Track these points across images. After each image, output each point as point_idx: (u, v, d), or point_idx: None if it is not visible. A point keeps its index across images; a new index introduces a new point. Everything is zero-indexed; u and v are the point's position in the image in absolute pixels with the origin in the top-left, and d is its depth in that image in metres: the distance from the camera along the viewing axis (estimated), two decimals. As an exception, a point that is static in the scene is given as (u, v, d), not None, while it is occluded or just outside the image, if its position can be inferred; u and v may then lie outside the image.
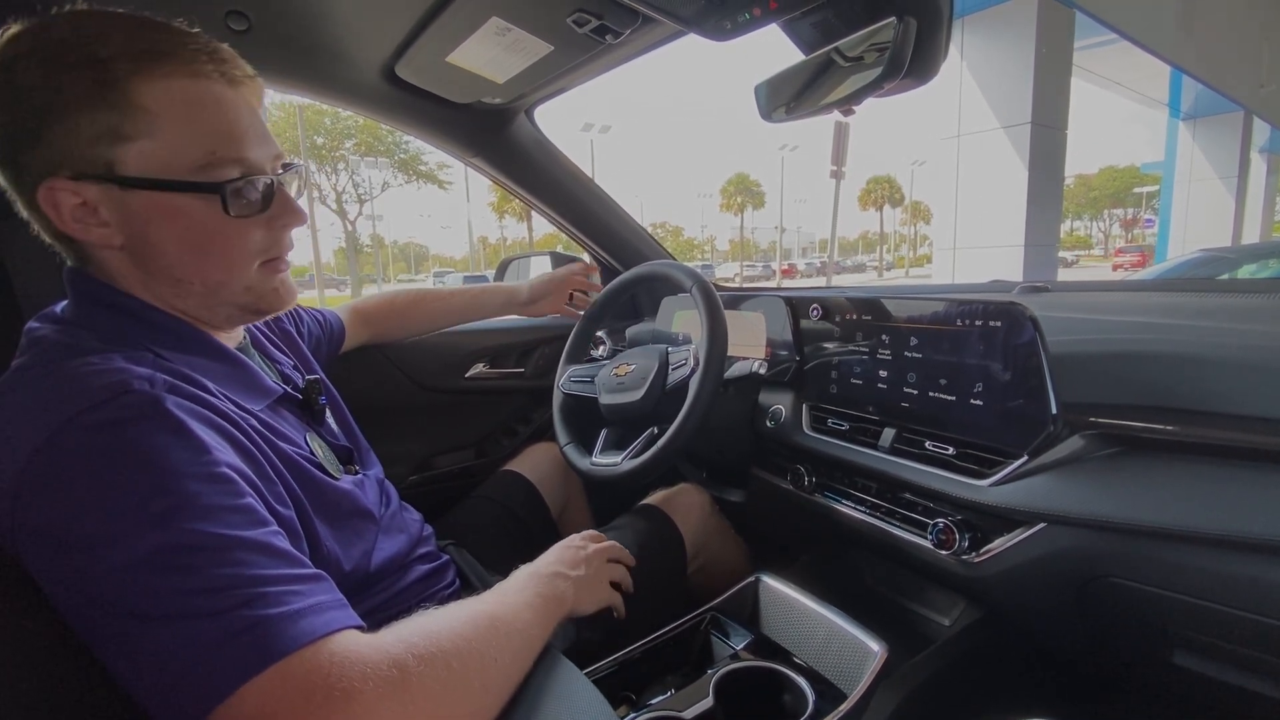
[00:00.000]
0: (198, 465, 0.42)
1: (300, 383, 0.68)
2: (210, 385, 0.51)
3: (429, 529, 0.81)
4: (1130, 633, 0.71)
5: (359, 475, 0.67)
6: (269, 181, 0.54)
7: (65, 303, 0.54)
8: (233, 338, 0.62)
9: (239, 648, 0.37)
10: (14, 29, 0.47)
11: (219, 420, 0.47)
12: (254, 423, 0.53)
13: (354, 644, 0.41)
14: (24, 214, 0.52)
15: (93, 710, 0.41)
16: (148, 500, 0.39)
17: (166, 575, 0.38)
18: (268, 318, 0.61)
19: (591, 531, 0.82)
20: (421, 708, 0.40)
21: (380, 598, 0.64)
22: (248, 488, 0.45)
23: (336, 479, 0.61)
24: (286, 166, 0.57)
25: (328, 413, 0.70)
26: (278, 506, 0.49)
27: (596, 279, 1.29)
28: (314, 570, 0.44)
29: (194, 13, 0.85)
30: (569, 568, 0.70)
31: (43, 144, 0.47)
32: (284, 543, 0.44)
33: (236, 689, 0.36)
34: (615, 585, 0.79)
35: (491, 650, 0.48)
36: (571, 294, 1.25)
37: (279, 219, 0.56)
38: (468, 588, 0.77)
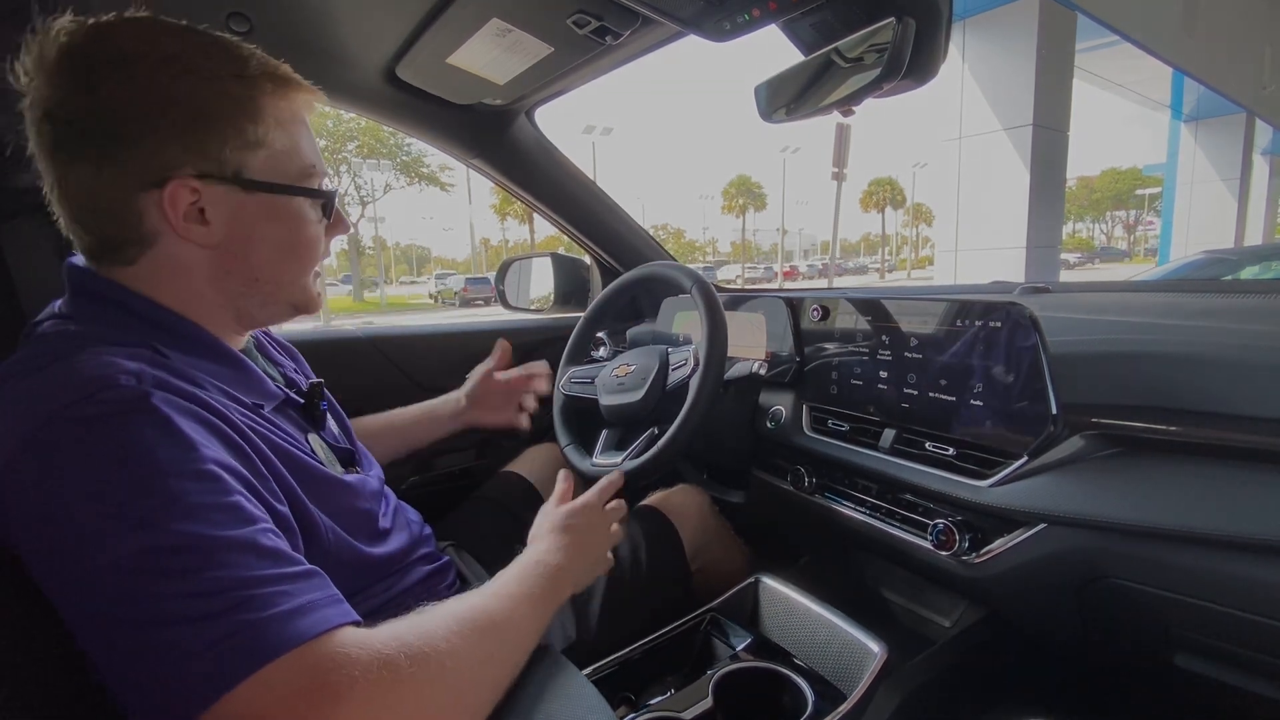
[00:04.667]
0: (183, 462, 0.41)
1: (302, 386, 0.68)
2: (206, 382, 0.50)
3: (428, 529, 0.81)
4: (1131, 634, 0.71)
5: (360, 475, 0.67)
6: (335, 195, 0.61)
7: (62, 300, 0.53)
8: (238, 342, 0.62)
9: (226, 652, 0.36)
10: (109, 27, 0.49)
11: (208, 416, 0.47)
12: (249, 419, 0.52)
13: (344, 645, 0.40)
14: (57, 214, 0.52)
15: (84, 713, 0.41)
16: (132, 500, 0.39)
17: (152, 578, 0.37)
18: (294, 318, 0.65)
19: (589, 498, 0.76)
20: (412, 708, 0.40)
21: (381, 598, 0.64)
22: (236, 484, 0.44)
23: (337, 475, 0.61)
24: None
25: (328, 417, 0.70)
26: (272, 502, 0.48)
27: (542, 382, 1.12)
28: (306, 567, 0.43)
29: (195, 15, 0.86)
30: (570, 557, 0.67)
31: (180, 143, 0.50)
32: (273, 540, 0.43)
33: (223, 695, 0.36)
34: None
35: (486, 648, 0.48)
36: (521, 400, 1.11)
37: (334, 229, 0.63)
38: (467, 589, 0.77)
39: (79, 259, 0.55)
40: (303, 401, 0.66)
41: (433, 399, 1.08)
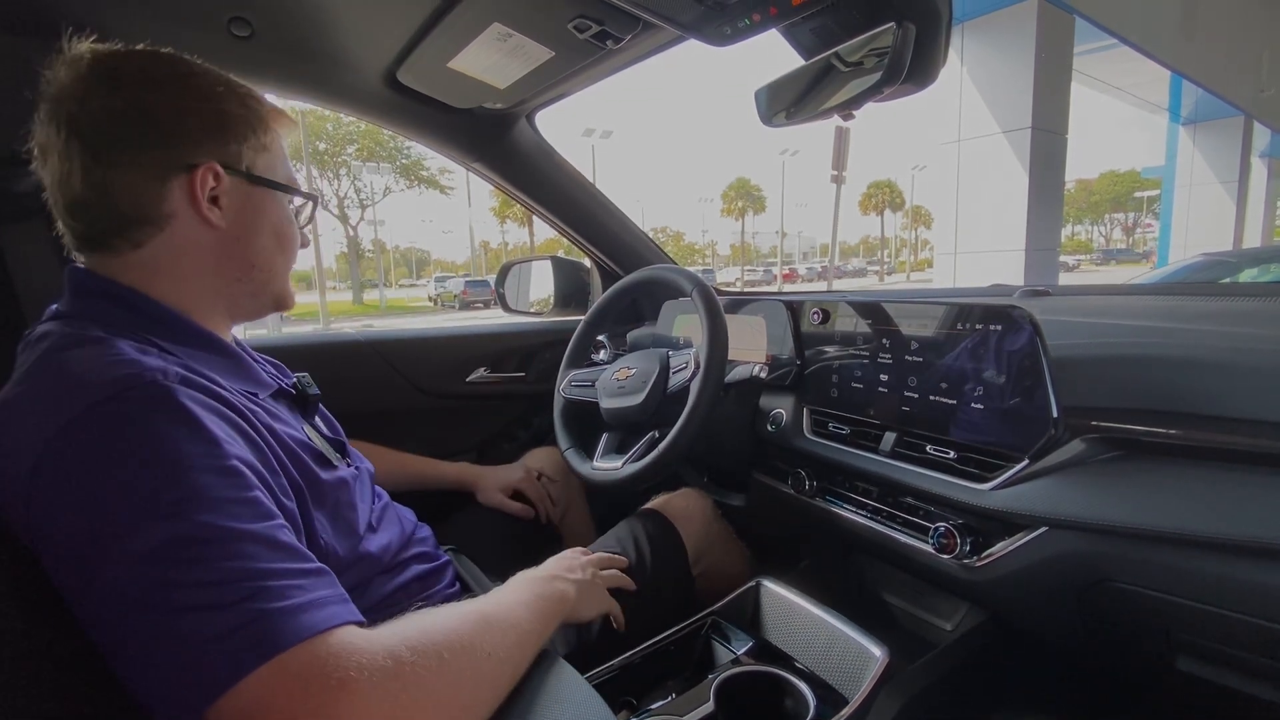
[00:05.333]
0: (208, 458, 0.43)
1: (286, 381, 0.70)
2: (216, 377, 0.52)
3: (425, 529, 0.82)
4: (1133, 637, 0.71)
5: (354, 468, 0.69)
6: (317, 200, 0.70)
7: (59, 303, 0.55)
8: (225, 337, 0.63)
9: (241, 641, 0.38)
10: (137, 51, 0.57)
11: (228, 412, 0.49)
12: (260, 413, 0.55)
13: (351, 637, 0.41)
14: (118, 189, 0.55)
15: (86, 709, 0.42)
16: (158, 492, 0.41)
17: (173, 567, 0.39)
18: (276, 313, 0.70)
19: (580, 549, 0.83)
20: (413, 696, 0.41)
21: (377, 594, 0.64)
22: (256, 480, 0.46)
23: (335, 467, 0.63)
24: None
25: (317, 408, 0.72)
26: (282, 498, 0.50)
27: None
28: (317, 565, 0.45)
29: (198, 20, 0.86)
30: (566, 571, 0.71)
31: (210, 136, 0.58)
32: (288, 536, 0.45)
33: (238, 681, 0.37)
34: (615, 594, 0.79)
35: (484, 644, 0.49)
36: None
37: (302, 235, 0.70)
38: (467, 592, 0.77)
39: (81, 263, 0.57)
40: (294, 392, 0.68)
41: (445, 468, 1.11)
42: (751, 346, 1.13)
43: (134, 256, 0.56)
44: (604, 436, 1.06)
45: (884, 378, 0.89)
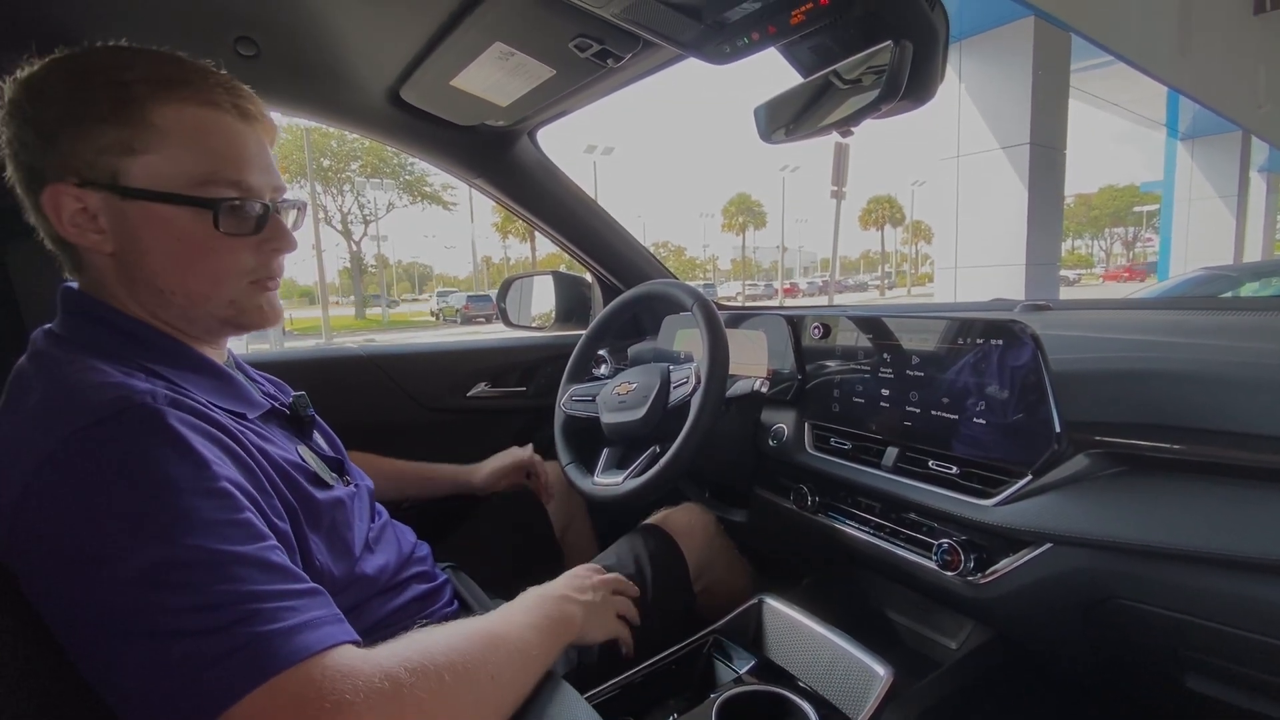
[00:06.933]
0: (198, 480, 0.43)
1: (284, 400, 0.69)
2: (204, 399, 0.52)
3: (425, 548, 0.81)
4: (1140, 655, 0.70)
5: (352, 486, 0.68)
6: (264, 206, 0.56)
7: (53, 323, 0.55)
8: (218, 355, 0.62)
9: (235, 664, 0.37)
10: (56, 55, 0.51)
11: (218, 434, 0.48)
12: (250, 435, 0.54)
13: (348, 658, 0.41)
14: (31, 219, 0.54)
15: None
16: (148, 515, 0.40)
17: (165, 591, 0.38)
18: (247, 333, 0.63)
19: (594, 564, 0.82)
20: (412, 719, 0.40)
21: (375, 616, 0.64)
22: (246, 502, 0.45)
23: (331, 487, 0.62)
24: (285, 201, 0.60)
25: (315, 429, 0.71)
26: (275, 520, 0.49)
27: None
28: (310, 585, 0.45)
29: (203, 39, 0.88)
30: (577, 592, 0.70)
31: (57, 151, 0.50)
32: (281, 557, 0.44)
33: (232, 705, 0.36)
34: (621, 618, 0.78)
35: (489, 667, 0.48)
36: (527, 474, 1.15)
37: (269, 243, 0.58)
38: (466, 610, 0.76)
39: (72, 283, 0.57)
40: (288, 413, 0.67)
41: (441, 469, 1.11)
42: (752, 361, 1.13)
43: (85, 279, 0.55)
44: (605, 451, 1.06)
45: (885, 392, 0.89)
